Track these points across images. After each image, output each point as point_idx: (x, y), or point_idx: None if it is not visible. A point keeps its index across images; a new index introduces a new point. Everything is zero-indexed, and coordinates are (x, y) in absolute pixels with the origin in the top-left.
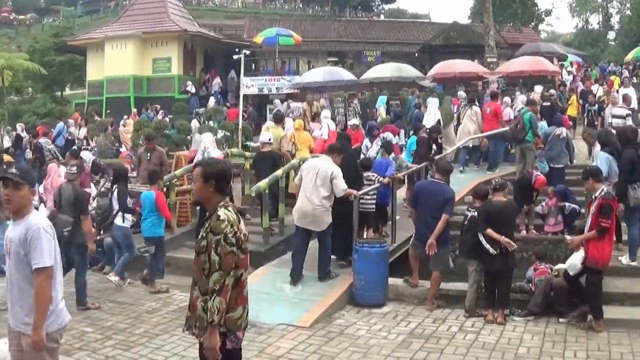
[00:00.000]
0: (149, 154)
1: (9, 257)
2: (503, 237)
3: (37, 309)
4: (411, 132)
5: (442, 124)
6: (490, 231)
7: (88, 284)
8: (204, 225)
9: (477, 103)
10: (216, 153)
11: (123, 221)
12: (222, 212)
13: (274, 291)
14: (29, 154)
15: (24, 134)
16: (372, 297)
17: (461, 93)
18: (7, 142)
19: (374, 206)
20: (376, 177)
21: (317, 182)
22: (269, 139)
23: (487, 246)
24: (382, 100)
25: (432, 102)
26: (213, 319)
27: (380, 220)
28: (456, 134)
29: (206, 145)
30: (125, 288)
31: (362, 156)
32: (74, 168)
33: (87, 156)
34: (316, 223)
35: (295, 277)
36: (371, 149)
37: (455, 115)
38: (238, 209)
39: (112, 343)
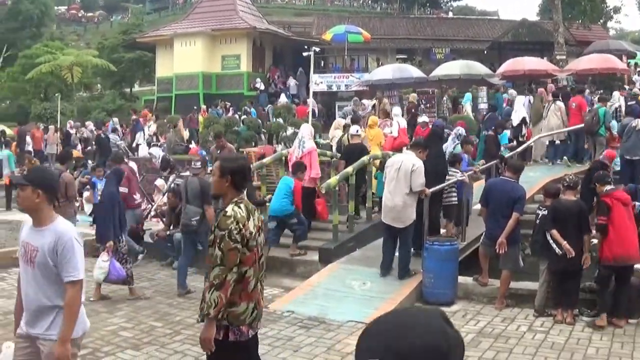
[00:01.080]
0: (219, 151)
1: (28, 263)
2: (565, 242)
3: (67, 322)
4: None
5: (531, 122)
6: (555, 232)
7: (157, 278)
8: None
9: (560, 98)
10: (310, 144)
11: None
12: (230, 208)
13: (343, 288)
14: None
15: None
16: (441, 295)
17: (512, 91)
18: (76, 138)
19: (456, 199)
20: (458, 173)
21: (399, 178)
22: (357, 131)
23: (554, 245)
24: (467, 98)
25: (519, 100)
26: (209, 312)
27: (461, 215)
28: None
29: (303, 135)
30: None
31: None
32: (198, 163)
33: (157, 152)
34: (399, 220)
35: (384, 269)
36: (446, 144)
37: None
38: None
39: (181, 338)
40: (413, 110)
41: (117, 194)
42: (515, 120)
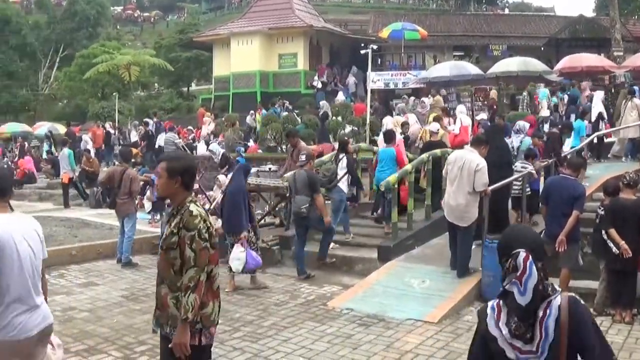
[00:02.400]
0: (292, 150)
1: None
2: (622, 242)
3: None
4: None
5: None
6: (612, 232)
7: (219, 275)
8: (170, 222)
9: (636, 95)
10: (397, 137)
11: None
12: (194, 208)
13: (402, 286)
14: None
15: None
16: None
17: (544, 91)
18: (134, 137)
19: (528, 190)
20: (529, 166)
21: (462, 177)
22: (437, 129)
23: (611, 244)
24: (543, 94)
25: (597, 95)
26: (187, 316)
27: (530, 207)
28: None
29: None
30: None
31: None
32: (303, 157)
33: (216, 149)
34: (461, 218)
35: (452, 267)
36: (511, 139)
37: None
38: None
39: (240, 335)
40: (495, 107)
41: (245, 187)
42: (593, 115)
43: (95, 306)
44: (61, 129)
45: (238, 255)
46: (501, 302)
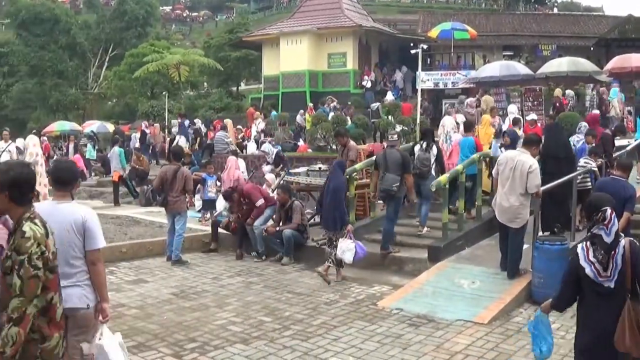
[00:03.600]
0: (342, 149)
1: None
2: None
3: None
4: None
5: None
6: None
7: (266, 274)
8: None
9: None
10: (456, 137)
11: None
12: (27, 228)
13: (452, 287)
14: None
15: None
16: (550, 295)
17: (569, 91)
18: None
19: (590, 185)
20: (592, 162)
21: (514, 178)
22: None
23: None
24: (614, 93)
25: None
26: (5, 351)
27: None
28: None
29: (448, 129)
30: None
31: None
32: (395, 136)
33: (269, 148)
34: (512, 220)
35: (502, 268)
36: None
37: None
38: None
39: (290, 333)
40: (557, 105)
41: (345, 183)
42: None
43: (145, 303)
44: (110, 127)
45: (349, 247)
46: (588, 243)
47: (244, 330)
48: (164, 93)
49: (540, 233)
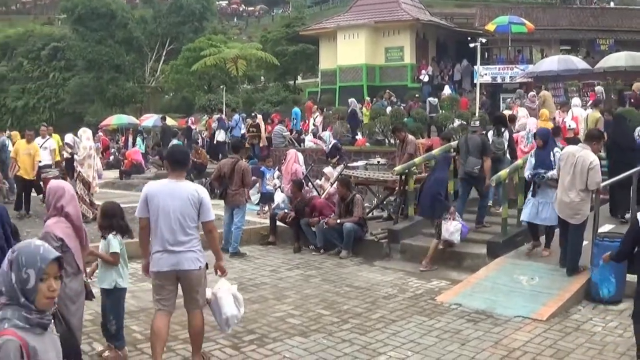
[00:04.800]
0: (402, 144)
1: None
2: None
3: None
4: None
5: None
6: None
7: (324, 267)
8: None
9: None
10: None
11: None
12: None
13: (511, 283)
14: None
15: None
16: (611, 292)
17: (599, 88)
18: (243, 129)
19: None
20: None
21: (575, 174)
22: (569, 126)
23: None
24: None
25: None
26: None
27: None
28: None
29: (530, 128)
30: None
31: None
32: (477, 122)
33: (327, 137)
34: (573, 215)
35: (561, 264)
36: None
37: None
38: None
39: (349, 327)
40: (632, 100)
41: (447, 178)
42: None
43: None
44: (168, 121)
45: (456, 227)
46: None
47: (303, 323)
48: (221, 87)
49: (601, 229)
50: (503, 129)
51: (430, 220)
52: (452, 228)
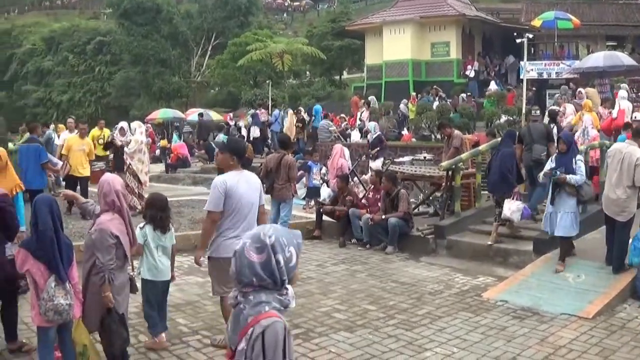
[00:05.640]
0: (448, 139)
1: None
2: None
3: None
4: None
5: None
6: None
7: (370, 262)
8: None
9: None
10: (593, 133)
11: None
12: None
13: (557, 280)
14: None
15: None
16: None
17: (624, 87)
18: (286, 122)
19: None
20: None
21: (622, 170)
22: (635, 117)
23: None
24: None
25: None
26: None
27: None
28: None
29: (587, 125)
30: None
31: None
32: (538, 112)
33: (374, 127)
34: (619, 212)
35: (608, 262)
36: None
37: None
38: None
39: (395, 322)
40: None
41: (514, 151)
42: None
43: None
44: (214, 115)
45: (518, 207)
46: None
47: (349, 318)
48: (267, 81)
49: None
50: (552, 125)
51: (494, 200)
52: (514, 207)
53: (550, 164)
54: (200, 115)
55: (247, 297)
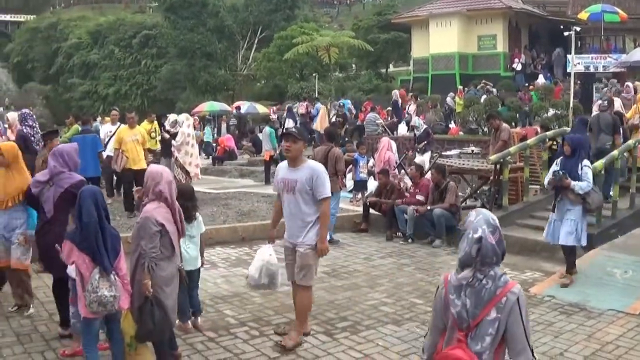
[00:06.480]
0: (495, 132)
1: (290, 192)
2: None
3: (323, 226)
4: None
5: None
6: None
7: (418, 256)
8: None
9: None
10: None
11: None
12: None
13: (604, 276)
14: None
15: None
16: None
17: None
18: (319, 117)
19: None
20: None
21: None
22: None
23: None
24: None
25: None
26: None
27: None
28: None
29: None
30: None
31: None
32: (605, 102)
33: (419, 122)
34: None
35: None
36: None
37: None
38: None
39: None
40: None
41: (588, 140)
42: None
43: None
44: (260, 108)
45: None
46: None
47: (396, 312)
48: (313, 74)
49: None
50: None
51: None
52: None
53: (554, 167)
54: (238, 108)
55: (488, 274)
